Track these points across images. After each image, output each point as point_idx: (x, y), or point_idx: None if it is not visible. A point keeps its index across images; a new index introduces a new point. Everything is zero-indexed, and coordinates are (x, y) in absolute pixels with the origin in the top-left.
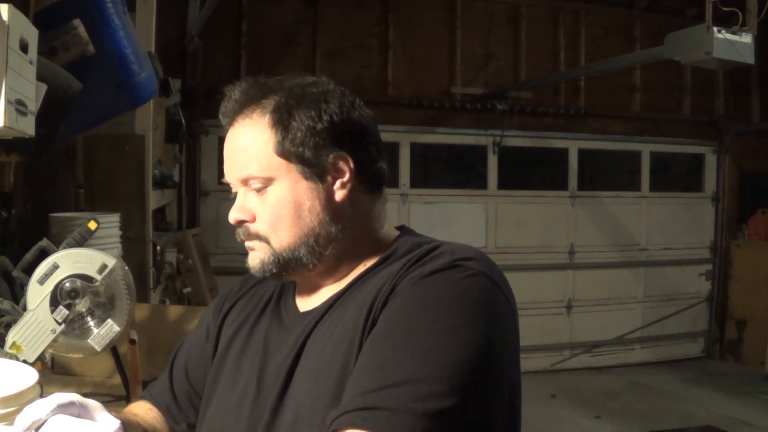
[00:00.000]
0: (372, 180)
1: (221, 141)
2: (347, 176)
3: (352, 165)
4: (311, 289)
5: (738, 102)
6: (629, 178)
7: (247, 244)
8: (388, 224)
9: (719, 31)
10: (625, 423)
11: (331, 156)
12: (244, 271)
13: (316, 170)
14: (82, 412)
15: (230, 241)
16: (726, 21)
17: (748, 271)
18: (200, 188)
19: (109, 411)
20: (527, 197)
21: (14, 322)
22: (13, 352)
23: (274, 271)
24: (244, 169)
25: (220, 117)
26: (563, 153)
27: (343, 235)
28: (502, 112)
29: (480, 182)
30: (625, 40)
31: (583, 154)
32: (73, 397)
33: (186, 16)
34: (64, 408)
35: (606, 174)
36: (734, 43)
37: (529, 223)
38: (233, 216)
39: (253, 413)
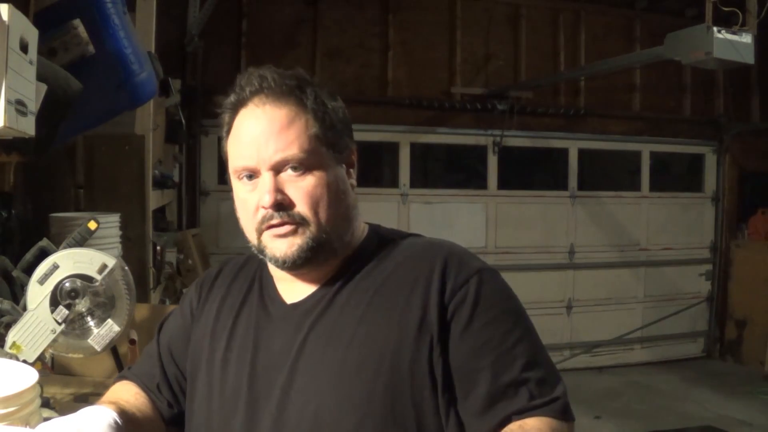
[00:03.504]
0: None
1: (221, 141)
2: (355, 168)
3: (355, 156)
4: (292, 279)
5: (738, 102)
6: (629, 178)
7: (282, 230)
8: None
9: (719, 31)
10: (625, 423)
11: (349, 146)
12: None
13: (342, 158)
14: None
15: (230, 241)
16: (726, 21)
17: (748, 271)
18: (200, 188)
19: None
20: (527, 197)
21: (14, 322)
22: (13, 352)
23: (309, 256)
24: (285, 150)
25: (233, 100)
26: (563, 153)
27: (354, 224)
28: (502, 112)
29: (480, 182)
30: (625, 40)
31: (583, 154)
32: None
33: (186, 16)
34: None
35: (606, 174)
36: (734, 43)
37: (529, 223)
38: (270, 198)
39: (251, 407)
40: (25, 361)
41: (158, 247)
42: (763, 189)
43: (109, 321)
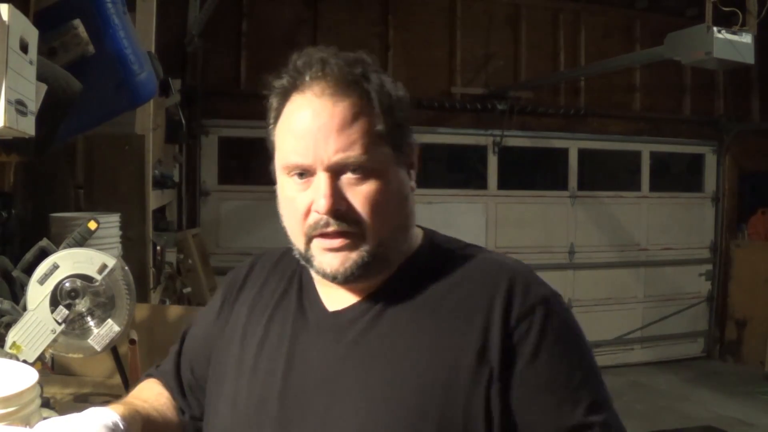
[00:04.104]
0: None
1: (221, 141)
2: (416, 167)
3: (417, 155)
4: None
5: (738, 102)
6: (629, 178)
7: (336, 243)
8: None
9: (719, 31)
10: (625, 423)
11: (411, 144)
12: None
13: (405, 159)
14: None
15: (230, 241)
16: (726, 21)
17: (748, 271)
18: (200, 188)
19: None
20: (527, 197)
21: (14, 322)
22: (13, 352)
23: (362, 273)
24: (347, 150)
25: (303, 80)
26: (563, 153)
27: (411, 231)
28: (502, 112)
29: (480, 182)
30: (625, 40)
31: (583, 154)
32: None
33: (186, 16)
34: None
35: (606, 174)
36: (734, 43)
37: (529, 223)
38: (327, 204)
39: (281, 426)
40: (25, 361)
41: (158, 247)
42: (763, 189)
43: (109, 321)
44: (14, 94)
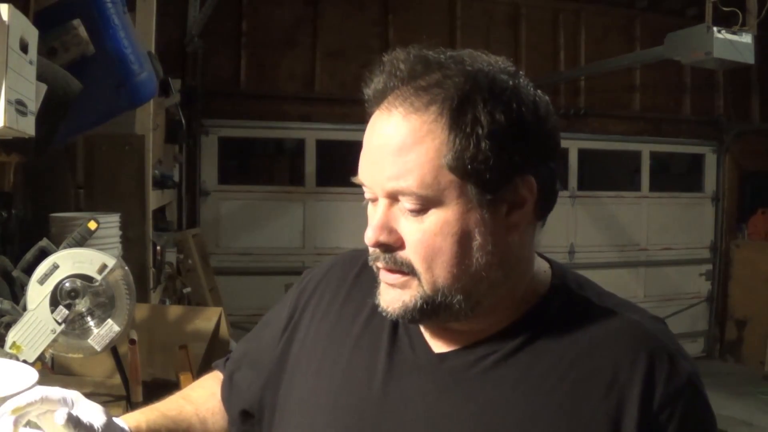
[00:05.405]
0: (547, 206)
1: (221, 141)
2: (527, 206)
3: (536, 192)
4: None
5: (738, 102)
6: (629, 178)
7: (389, 278)
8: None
9: (719, 31)
10: None
11: (515, 179)
12: (244, 271)
13: (494, 197)
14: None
15: (230, 241)
16: (726, 21)
17: (748, 271)
18: (200, 188)
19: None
20: None
21: (14, 322)
22: (13, 352)
23: (417, 317)
24: (398, 178)
25: (369, 93)
26: (563, 153)
27: (505, 279)
28: None
29: None
30: (625, 40)
31: (583, 154)
32: (67, 394)
33: (186, 16)
34: (49, 402)
35: (606, 174)
36: (734, 43)
37: None
38: (373, 236)
39: None
40: (25, 361)
41: (158, 247)
42: (763, 189)
43: (109, 321)
44: (14, 94)
